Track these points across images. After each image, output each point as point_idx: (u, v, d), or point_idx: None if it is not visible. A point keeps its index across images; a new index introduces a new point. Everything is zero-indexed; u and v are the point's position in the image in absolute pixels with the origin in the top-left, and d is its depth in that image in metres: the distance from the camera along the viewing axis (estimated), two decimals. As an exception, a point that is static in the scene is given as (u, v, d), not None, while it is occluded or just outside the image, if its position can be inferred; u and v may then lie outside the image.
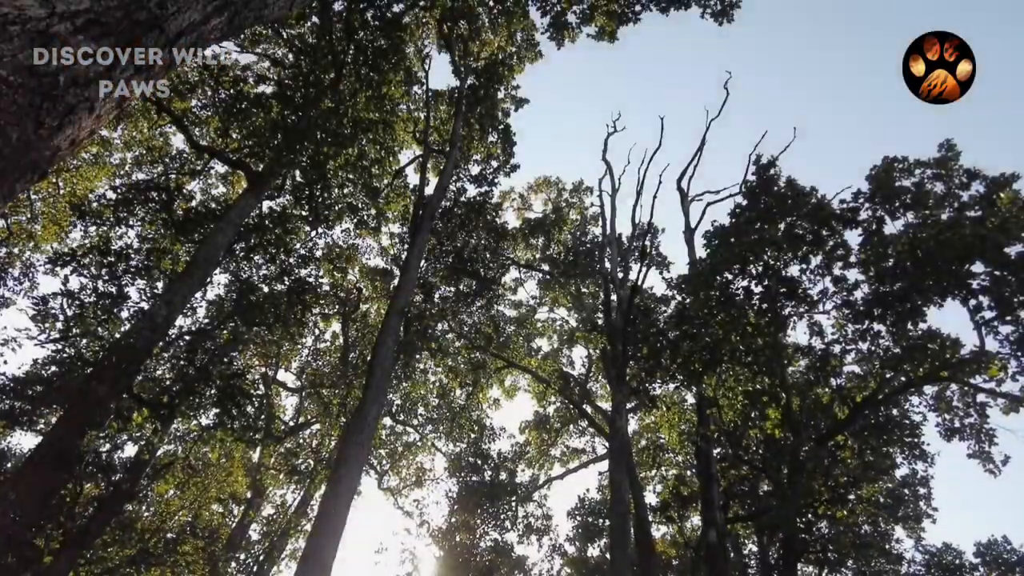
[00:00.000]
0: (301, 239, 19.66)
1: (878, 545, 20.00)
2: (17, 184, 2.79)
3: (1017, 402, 13.66)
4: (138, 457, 15.10)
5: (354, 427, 12.16)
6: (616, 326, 20.25)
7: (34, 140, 4.24)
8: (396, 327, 13.87)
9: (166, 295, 14.06)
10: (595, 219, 25.36)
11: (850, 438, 16.52)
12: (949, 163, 15.37)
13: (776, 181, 16.79)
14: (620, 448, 16.77)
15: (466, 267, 18.47)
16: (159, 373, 17.65)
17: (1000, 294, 13.52)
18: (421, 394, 22.09)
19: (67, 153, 4.83)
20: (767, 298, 15.49)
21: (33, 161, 4.41)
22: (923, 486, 19.22)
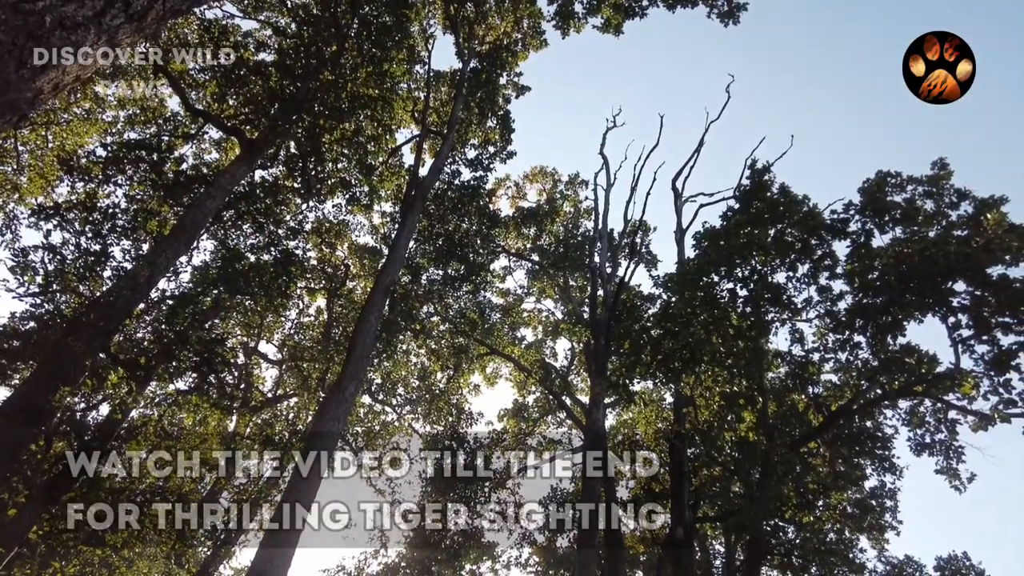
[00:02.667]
0: (291, 211, 19.51)
1: (841, 553, 20.28)
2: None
3: (987, 420, 13.88)
4: (110, 417, 14.99)
5: (331, 402, 12.16)
6: (600, 321, 20.34)
7: (15, 80, 4.17)
8: (380, 305, 13.84)
9: (150, 256, 13.94)
10: (588, 213, 25.39)
11: (823, 446, 16.72)
12: (941, 181, 15.52)
13: (770, 187, 16.90)
14: (595, 440, 16.89)
15: (456, 251, 18.43)
16: (139, 335, 17.49)
17: (979, 313, 13.72)
18: (402, 375, 22.07)
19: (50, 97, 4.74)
20: (751, 302, 15.61)
21: (12, 102, 4.33)
22: (890, 498, 19.44)
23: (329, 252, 21.55)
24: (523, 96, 20.94)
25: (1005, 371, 13.52)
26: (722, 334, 15.20)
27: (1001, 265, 13.58)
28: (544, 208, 23.83)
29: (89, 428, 14.97)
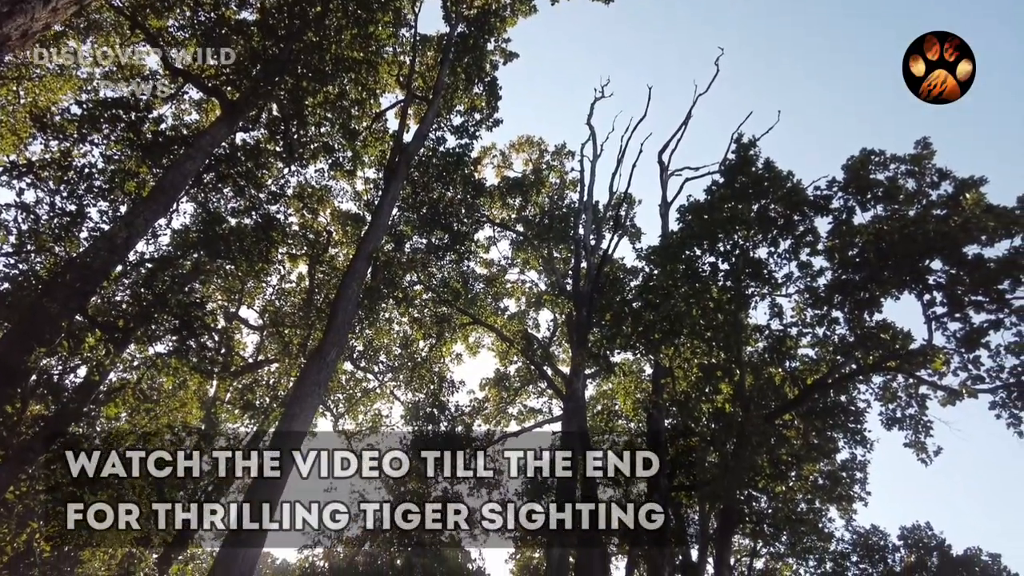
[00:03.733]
0: (273, 175, 19.22)
1: (811, 522, 20.88)
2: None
3: (955, 396, 14.24)
4: (88, 379, 14.87)
5: (312, 368, 12.16)
6: (583, 293, 20.44)
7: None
8: (362, 272, 13.78)
9: (127, 217, 13.68)
10: (574, 184, 25.29)
11: (797, 418, 17.07)
12: (923, 161, 15.62)
13: (755, 162, 16.92)
14: (575, 410, 17.12)
15: (440, 219, 18.31)
16: (117, 298, 17.27)
17: (953, 292, 13.97)
18: (384, 342, 22.08)
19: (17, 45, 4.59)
20: (732, 276, 15.75)
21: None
22: (860, 470, 19.92)
23: (311, 218, 21.31)
24: (511, 63, 20.65)
25: (975, 348, 13.85)
26: (702, 307, 15.35)
27: (977, 245, 13.80)
28: (530, 178, 23.68)
29: (66, 390, 14.85)
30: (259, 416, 20.65)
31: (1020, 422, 13.48)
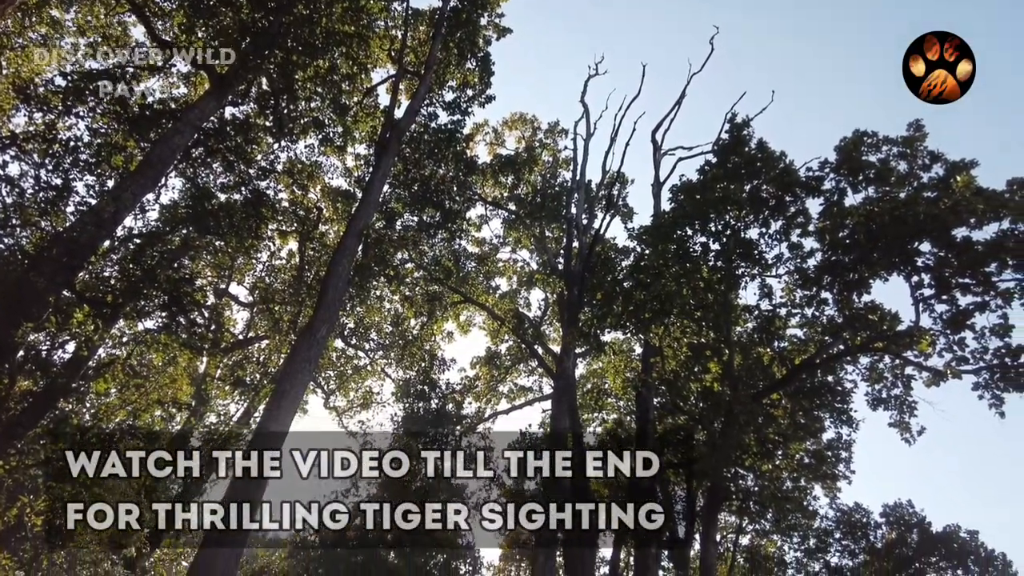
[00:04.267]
0: (263, 150, 18.99)
1: (796, 500, 21.26)
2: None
3: (940, 376, 14.41)
4: (76, 354, 14.81)
5: (302, 344, 12.14)
6: (575, 272, 20.46)
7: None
8: (353, 248, 13.71)
9: (115, 192, 13.51)
10: (567, 163, 25.15)
11: (784, 398, 17.26)
12: (915, 143, 15.62)
13: (748, 142, 16.87)
14: (565, 388, 17.23)
15: (431, 197, 18.19)
16: (105, 274, 17.13)
17: (941, 274, 14.08)
18: (375, 320, 22.07)
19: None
20: (723, 256, 15.80)
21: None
22: (845, 449, 20.21)
23: (301, 194, 21.12)
24: (504, 39, 20.34)
25: (960, 330, 14.00)
26: (693, 287, 15.41)
27: (966, 228, 13.87)
28: (522, 156, 23.52)
29: (55, 366, 14.78)
30: (249, 393, 20.65)
31: (1002, 403, 13.68)
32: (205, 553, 9.43)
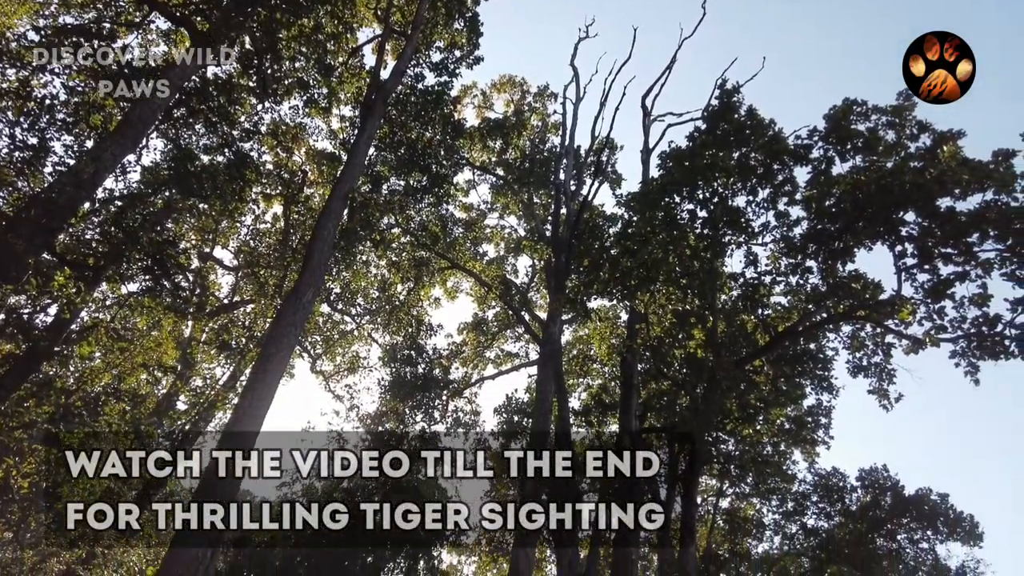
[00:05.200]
0: (246, 111, 18.60)
1: (776, 464, 21.75)
2: None
3: (919, 344, 14.66)
4: (59, 317, 14.67)
5: (288, 308, 12.09)
6: (562, 239, 20.44)
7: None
8: (338, 212, 13.57)
9: (94, 152, 13.21)
10: (556, 127, 24.89)
11: (767, 364, 17.51)
12: (904, 112, 15.59)
13: (737, 109, 16.76)
14: (551, 354, 17.36)
15: (418, 161, 17.97)
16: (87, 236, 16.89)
17: (924, 244, 14.21)
18: (361, 285, 21.99)
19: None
20: (710, 224, 15.82)
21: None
22: (825, 416, 20.61)
23: (286, 157, 20.78)
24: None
25: (941, 299, 14.19)
26: (679, 254, 15.46)
27: (950, 198, 13.96)
28: (511, 120, 23.23)
29: (37, 329, 14.65)
30: (235, 357, 20.64)
31: (977, 370, 13.97)
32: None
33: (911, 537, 24.48)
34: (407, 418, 21.39)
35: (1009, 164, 13.58)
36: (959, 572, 24.68)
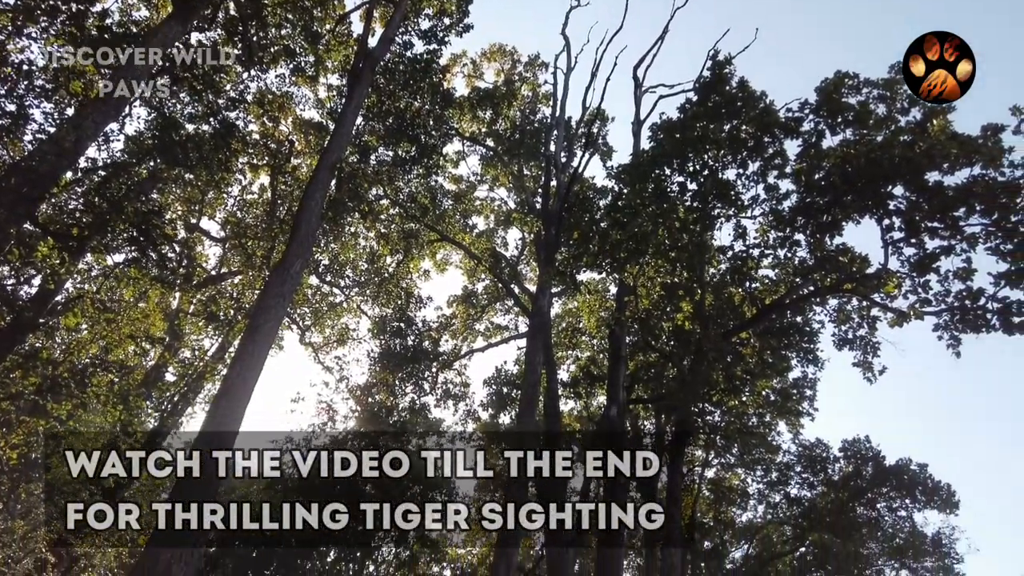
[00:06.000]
0: (231, 79, 18.26)
1: (761, 435, 22.11)
2: None
3: (904, 317, 14.84)
4: (43, 288, 14.52)
5: (276, 279, 12.02)
6: (552, 211, 20.36)
7: None
8: (326, 183, 13.43)
9: (75, 120, 12.93)
10: (547, 98, 24.60)
11: (753, 337, 17.68)
12: (895, 86, 15.52)
13: (729, 81, 16.62)
14: (540, 325, 17.42)
15: (406, 131, 17.74)
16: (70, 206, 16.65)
17: (911, 218, 14.28)
18: (350, 257, 21.87)
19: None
20: (700, 197, 15.81)
21: None
22: (810, 388, 20.90)
23: (272, 126, 20.47)
24: (483, -36, 19.53)
25: (926, 273, 14.32)
26: (668, 226, 15.47)
27: (939, 172, 13.99)
28: (501, 90, 22.92)
29: (20, 300, 14.52)
30: (223, 328, 20.58)
31: (959, 343, 14.17)
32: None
33: (890, 506, 25.13)
34: (397, 390, 21.48)
35: (997, 139, 13.61)
36: (935, 539, 25.40)
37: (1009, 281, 13.39)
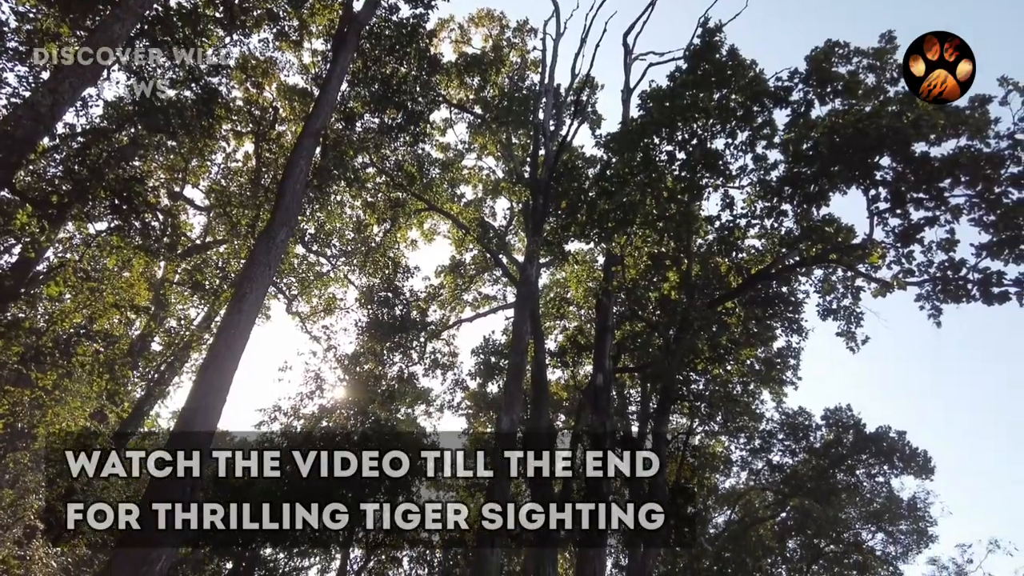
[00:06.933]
0: (213, 43, 17.81)
1: (745, 404, 22.43)
2: None
3: (887, 287, 14.99)
4: (23, 257, 14.31)
5: (261, 247, 11.91)
6: (540, 180, 20.23)
7: None
8: (311, 149, 13.23)
9: (51, 84, 12.61)
10: (535, 65, 24.25)
11: (739, 307, 17.83)
12: (885, 56, 15.43)
13: (719, 48, 16.43)
14: (527, 295, 17.45)
15: (393, 97, 17.43)
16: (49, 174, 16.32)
17: (897, 188, 14.34)
18: (336, 226, 21.69)
19: None
20: (688, 167, 15.75)
21: None
22: (794, 357, 21.16)
23: (256, 92, 20.07)
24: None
25: (910, 243, 14.45)
26: (656, 196, 15.44)
27: (925, 143, 14.02)
28: (489, 56, 22.55)
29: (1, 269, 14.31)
30: (209, 297, 20.44)
31: (940, 313, 14.38)
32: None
33: (869, 472, 25.72)
34: (385, 359, 21.54)
35: (984, 110, 13.62)
36: (910, 503, 26.11)
37: (990, 252, 13.56)
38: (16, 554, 14.19)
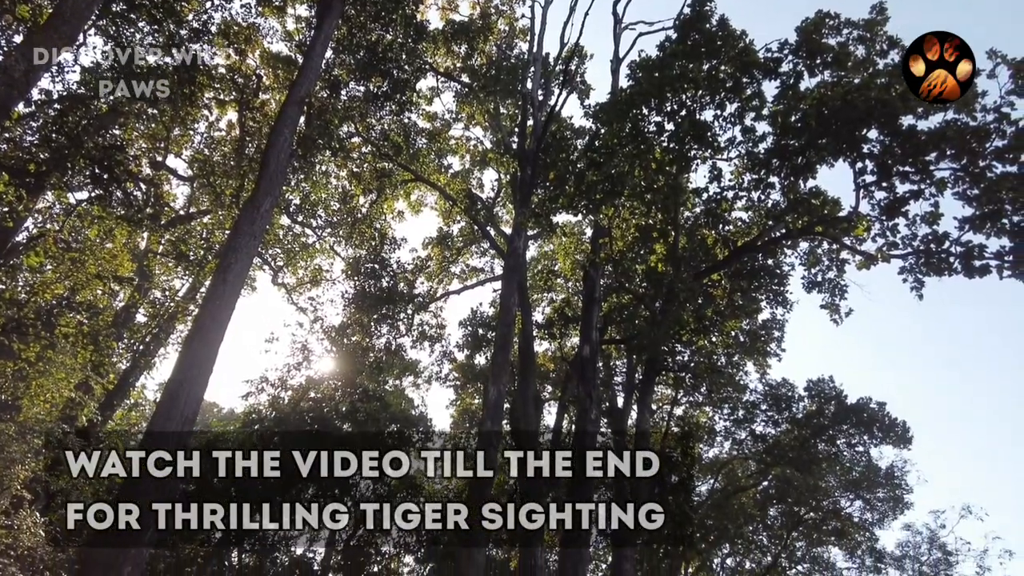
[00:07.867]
0: (194, 8, 17.34)
1: (729, 375, 22.74)
2: None
3: (871, 260, 15.14)
4: (1, 227, 14.05)
5: (246, 218, 11.81)
6: (528, 151, 20.09)
7: None
8: (295, 118, 13.03)
9: (23, 48, 12.27)
10: (524, 33, 23.85)
11: (724, 279, 17.95)
12: (876, 27, 15.34)
13: (709, 18, 16.26)
14: (514, 267, 17.46)
15: (378, 65, 17.12)
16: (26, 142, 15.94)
17: (884, 161, 14.39)
18: (321, 197, 21.42)
19: None
20: (676, 138, 15.69)
21: None
22: (778, 329, 21.42)
23: (239, 60, 19.61)
24: None
25: (895, 216, 14.56)
26: (644, 167, 15.40)
27: (912, 116, 14.03)
28: (477, 23, 22.13)
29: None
30: (194, 268, 20.24)
31: (922, 285, 14.54)
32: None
33: (849, 442, 26.26)
34: (372, 331, 21.52)
35: (972, 83, 13.61)
36: (888, 471, 26.76)
37: (973, 226, 13.70)
38: (3, 523, 14.20)
